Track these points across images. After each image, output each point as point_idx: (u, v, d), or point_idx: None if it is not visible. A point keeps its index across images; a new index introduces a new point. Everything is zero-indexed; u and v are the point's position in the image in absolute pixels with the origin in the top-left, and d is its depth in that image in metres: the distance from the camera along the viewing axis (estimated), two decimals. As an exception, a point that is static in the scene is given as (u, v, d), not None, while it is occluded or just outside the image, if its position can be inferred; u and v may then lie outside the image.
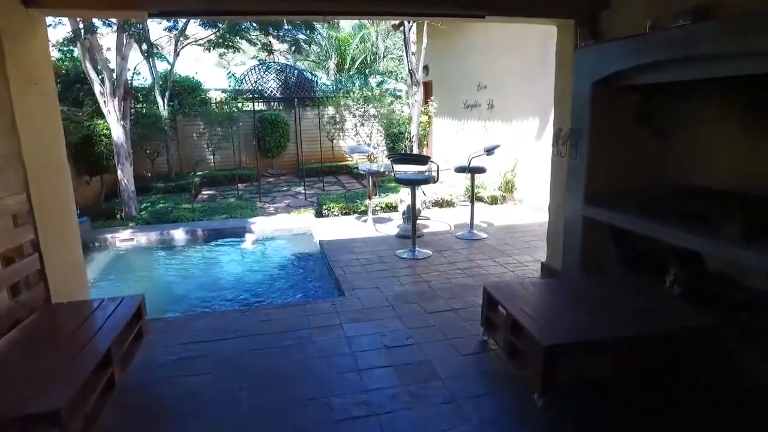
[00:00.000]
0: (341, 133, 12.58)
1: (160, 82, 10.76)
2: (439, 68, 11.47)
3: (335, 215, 7.86)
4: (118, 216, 8.05)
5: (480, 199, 8.44)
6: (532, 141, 7.65)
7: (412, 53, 9.10)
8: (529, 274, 4.77)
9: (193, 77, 12.85)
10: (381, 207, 8.05)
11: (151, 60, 10.35)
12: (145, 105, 11.18)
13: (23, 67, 3.15)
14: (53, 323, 2.91)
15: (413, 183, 5.32)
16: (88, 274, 5.95)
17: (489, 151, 5.78)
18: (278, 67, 10.83)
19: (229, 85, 12.84)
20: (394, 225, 6.71)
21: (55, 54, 9.84)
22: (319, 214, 8.12)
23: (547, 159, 4.54)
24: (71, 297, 3.51)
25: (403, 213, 6.24)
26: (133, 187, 8.03)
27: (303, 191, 10.28)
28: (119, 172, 7.91)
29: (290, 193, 10.74)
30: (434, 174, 5.44)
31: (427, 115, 11.58)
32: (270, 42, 11.13)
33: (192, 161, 11.06)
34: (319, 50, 16.55)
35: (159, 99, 10.67)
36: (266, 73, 10.46)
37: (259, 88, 10.29)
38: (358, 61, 15.88)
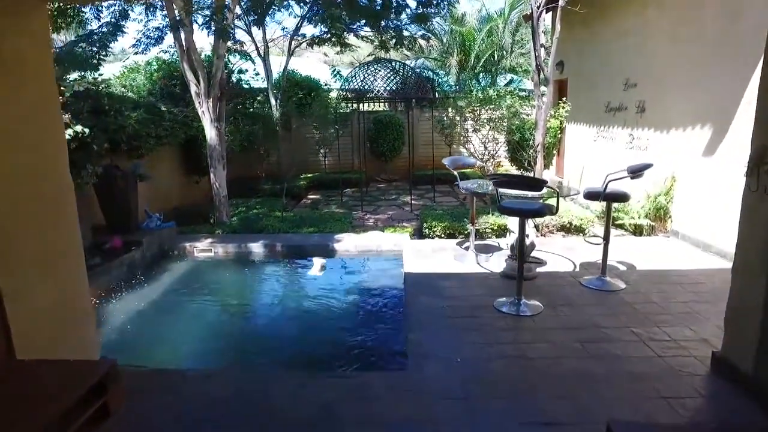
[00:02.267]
0: (457, 138, 11.32)
1: (277, 85, 10.48)
2: (575, 64, 9.62)
3: (438, 236, 6.72)
4: (211, 220, 7.74)
5: (620, 227, 6.66)
6: (698, 156, 5.70)
7: (541, 45, 7.49)
8: (689, 368, 3.06)
9: (311, 76, 12.54)
10: (491, 229, 6.71)
11: (264, 60, 10.09)
12: (258, 105, 11.03)
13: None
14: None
15: (522, 214, 3.96)
16: (148, 288, 5.40)
17: (635, 173, 4.17)
18: (390, 66, 9.88)
19: (326, 84, 12.33)
20: (501, 257, 5.33)
21: (166, 57, 9.98)
22: (418, 233, 7.04)
23: (719, 181, 2.92)
24: (65, 351, 2.75)
25: (512, 247, 4.87)
26: (225, 192, 7.65)
27: (410, 202, 9.25)
28: (211, 176, 7.57)
29: (397, 203, 9.80)
30: (552, 203, 4.03)
31: (558, 119, 9.82)
32: (386, 39, 10.21)
33: (286, 165, 10.58)
34: (441, 46, 15.31)
35: (272, 99, 10.39)
36: (375, 71, 9.56)
37: (366, 87, 9.42)
38: (484, 58, 14.34)
